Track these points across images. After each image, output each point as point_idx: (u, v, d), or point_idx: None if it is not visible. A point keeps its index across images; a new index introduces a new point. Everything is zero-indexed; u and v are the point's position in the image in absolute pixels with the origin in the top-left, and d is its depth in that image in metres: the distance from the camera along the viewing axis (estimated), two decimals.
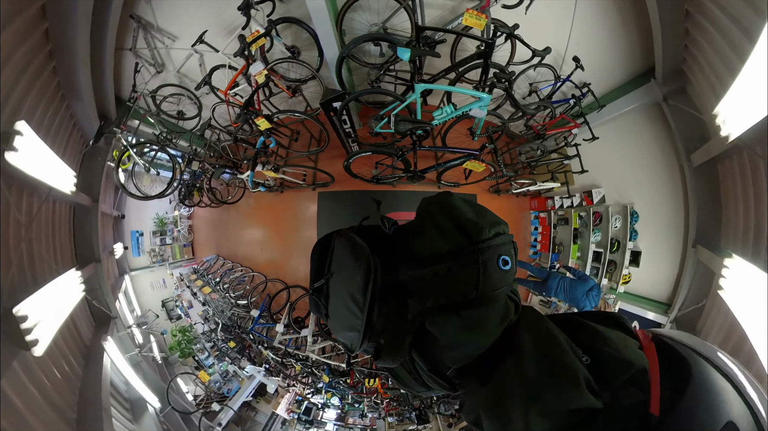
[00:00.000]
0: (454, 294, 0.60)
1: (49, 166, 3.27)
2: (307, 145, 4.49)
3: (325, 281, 0.78)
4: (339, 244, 0.78)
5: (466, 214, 0.65)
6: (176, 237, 7.70)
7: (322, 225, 4.83)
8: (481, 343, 0.62)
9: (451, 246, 0.61)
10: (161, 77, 4.20)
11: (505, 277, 0.61)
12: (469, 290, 0.58)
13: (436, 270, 0.60)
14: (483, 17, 2.31)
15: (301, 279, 4.98)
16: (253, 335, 4.72)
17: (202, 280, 5.85)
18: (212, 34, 3.38)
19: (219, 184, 5.77)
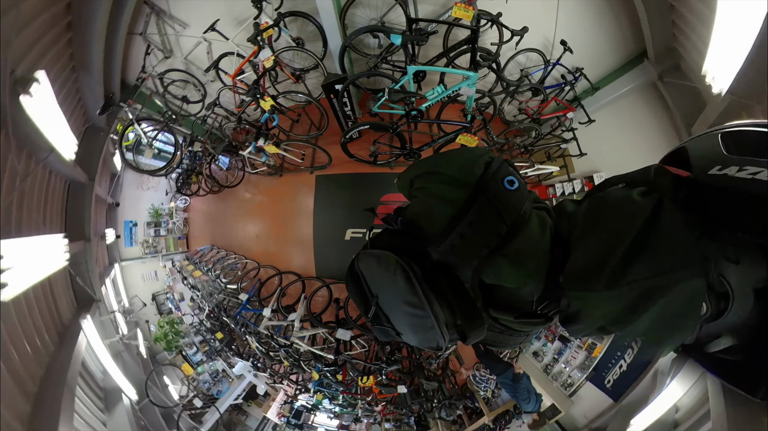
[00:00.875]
0: (489, 238, 0.59)
1: (55, 126, 3.22)
2: (307, 131, 4.57)
3: (375, 305, 0.74)
4: (364, 267, 0.75)
5: (449, 167, 0.65)
6: (171, 229, 7.51)
7: (319, 208, 4.75)
8: (540, 263, 0.61)
9: (458, 203, 0.61)
10: (168, 62, 4.33)
11: (520, 195, 0.60)
12: (499, 226, 0.58)
13: (461, 232, 0.60)
14: (470, 9, 2.54)
15: (295, 266, 4.82)
16: (238, 319, 4.44)
17: (194, 266, 5.63)
18: (222, 23, 3.57)
19: (218, 170, 5.69)
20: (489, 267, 0.61)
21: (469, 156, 0.67)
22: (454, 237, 0.60)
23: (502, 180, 0.60)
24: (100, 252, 5.50)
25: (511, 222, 0.59)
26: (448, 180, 0.64)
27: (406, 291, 0.64)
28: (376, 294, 0.74)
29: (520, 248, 0.59)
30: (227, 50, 3.90)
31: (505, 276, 0.61)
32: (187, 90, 4.79)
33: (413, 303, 0.64)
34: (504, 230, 0.58)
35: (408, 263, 0.64)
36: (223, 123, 4.99)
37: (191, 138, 4.60)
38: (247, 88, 3.63)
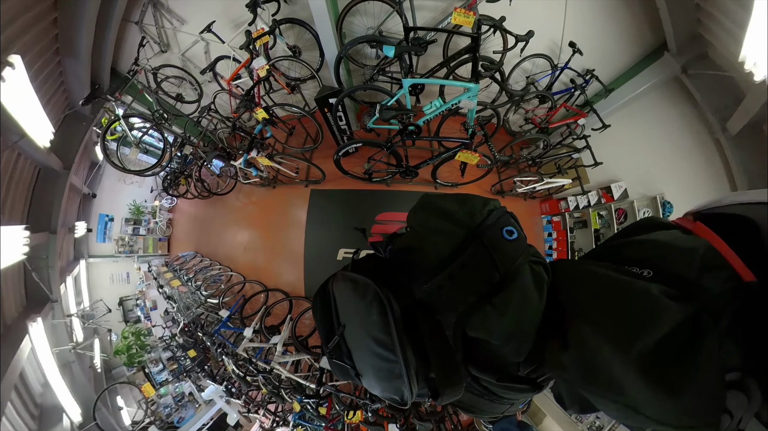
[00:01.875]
0: (480, 285, 0.53)
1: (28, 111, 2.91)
2: (302, 143, 4.35)
3: (340, 336, 0.66)
4: (338, 290, 0.67)
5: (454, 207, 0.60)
6: (152, 229, 6.89)
7: (312, 224, 4.38)
8: (531, 319, 0.54)
9: (453, 243, 0.56)
10: (164, 57, 4.05)
11: (517, 246, 0.56)
12: (491, 274, 0.53)
13: (451, 272, 0.54)
14: (471, 14, 2.33)
15: (283, 283, 4.37)
16: (215, 338, 3.95)
17: (172, 273, 5.07)
18: (219, 25, 3.36)
19: (209, 174, 5.24)
20: (475, 316, 0.54)
21: (476, 202, 0.61)
22: (442, 278, 0.55)
23: (501, 229, 0.56)
24: (66, 246, 4.91)
25: (504, 271, 0.53)
26: (450, 218, 0.59)
27: (379, 327, 0.57)
28: (343, 323, 0.66)
29: (510, 300, 0.53)
30: (224, 53, 3.65)
31: (491, 327, 0.54)
32: (183, 88, 4.46)
33: (383, 343, 0.57)
34: (496, 278, 0.53)
35: (387, 296, 0.57)
36: (218, 126, 4.67)
37: (182, 140, 4.25)
38: (242, 94, 3.39)
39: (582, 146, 3.55)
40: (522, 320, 0.53)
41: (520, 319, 0.53)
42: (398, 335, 0.55)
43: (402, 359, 0.55)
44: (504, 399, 0.64)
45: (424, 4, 2.97)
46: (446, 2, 2.98)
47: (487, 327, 0.54)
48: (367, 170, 3.59)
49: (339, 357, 0.67)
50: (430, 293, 0.56)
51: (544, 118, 3.84)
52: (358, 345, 0.63)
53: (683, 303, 0.42)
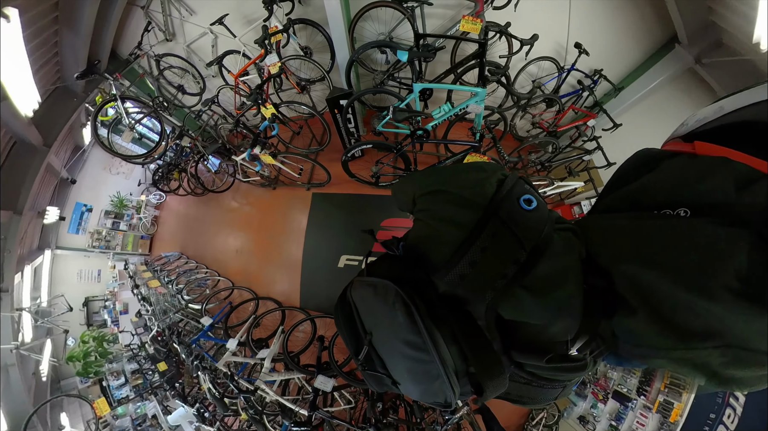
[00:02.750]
0: (505, 266, 0.46)
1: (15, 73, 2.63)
2: (307, 144, 4.12)
3: (368, 345, 0.59)
4: (359, 297, 0.61)
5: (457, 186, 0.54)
6: (135, 225, 6.25)
7: (312, 229, 3.99)
8: (572, 293, 0.45)
9: (468, 226, 0.49)
10: (168, 46, 3.82)
11: (539, 216, 0.48)
12: (517, 252, 0.46)
13: (471, 259, 0.48)
14: (478, 21, 2.36)
15: (276, 292, 3.89)
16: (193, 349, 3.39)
17: (152, 273, 4.47)
18: (231, 19, 3.24)
19: (205, 171, 4.80)
20: (507, 301, 0.46)
21: (479, 173, 0.53)
22: (463, 266, 0.48)
23: (517, 199, 0.49)
24: (31, 232, 4.27)
25: (531, 247, 0.46)
26: (456, 200, 0.52)
27: (407, 328, 0.50)
28: (370, 331, 0.59)
29: (544, 277, 0.45)
30: (233, 48, 3.49)
31: (528, 310, 0.46)
32: (185, 80, 4.24)
33: (415, 344, 0.50)
34: (523, 256, 0.45)
35: (410, 295, 0.51)
36: (219, 122, 4.39)
37: (181, 131, 3.96)
38: (249, 90, 3.22)
39: (593, 148, 3.38)
40: (561, 296, 0.46)
41: (559, 296, 0.46)
42: (428, 333, 0.49)
43: (437, 357, 0.49)
44: (555, 382, 0.56)
45: (434, 12, 2.95)
46: (454, 10, 2.96)
47: (523, 310, 0.48)
48: (375, 173, 3.38)
49: (372, 368, 0.61)
50: (453, 284, 0.50)
51: (552, 121, 3.69)
52: (389, 351, 0.58)
53: (740, 227, 0.37)
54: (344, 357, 3.06)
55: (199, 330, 3.53)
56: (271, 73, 2.96)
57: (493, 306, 0.48)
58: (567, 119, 3.65)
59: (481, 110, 2.57)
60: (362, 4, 2.83)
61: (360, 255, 3.55)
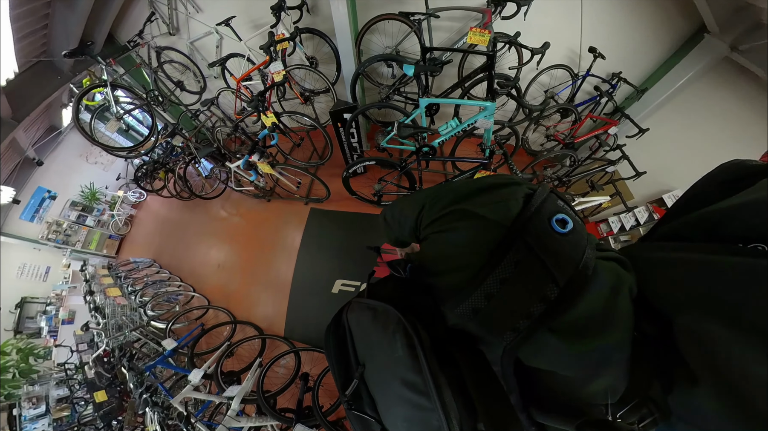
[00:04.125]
0: (531, 304, 0.35)
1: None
2: (308, 157, 3.82)
3: (359, 379, 0.49)
4: (355, 321, 0.51)
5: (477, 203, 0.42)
6: (104, 222, 5.41)
7: (307, 247, 3.50)
8: (618, 341, 0.34)
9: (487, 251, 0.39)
10: (171, 40, 3.57)
11: (576, 241, 0.37)
12: (546, 287, 0.35)
13: (488, 291, 0.37)
14: (486, 33, 2.19)
15: (258, 316, 3.29)
16: (145, 377, 2.72)
17: (114, 279, 3.72)
18: (238, 22, 3.07)
19: (195, 174, 4.27)
20: (531, 345, 0.36)
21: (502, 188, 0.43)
22: (477, 298, 0.37)
23: (549, 219, 0.38)
24: None
25: (565, 281, 0.34)
26: (473, 220, 0.41)
27: (407, 365, 0.41)
28: (363, 362, 0.49)
29: (582, 320, 0.34)
30: (238, 51, 3.27)
31: (558, 360, 0.36)
32: (186, 77, 3.93)
33: (414, 385, 0.40)
34: (554, 293, 0.34)
35: (413, 325, 0.42)
36: (216, 124, 4.01)
37: (174, 129, 3.53)
38: (251, 95, 3.08)
39: (618, 158, 2.94)
40: (604, 346, 0.34)
41: (602, 345, 0.34)
42: (432, 374, 0.39)
43: (440, 406, 0.38)
44: None
45: (440, 25, 2.80)
46: (462, 22, 2.79)
47: (551, 359, 0.37)
48: (377, 191, 3.08)
49: (360, 408, 0.48)
50: (464, 318, 0.39)
51: (568, 132, 3.30)
52: (383, 390, 0.46)
53: None
54: (331, 402, 2.53)
55: (159, 355, 2.86)
56: (275, 80, 2.79)
57: (512, 350, 0.37)
58: (585, 129, 3.29)
59: (490, 125, 2.36)
60: (370, 16, 2.69)
61: (358, 280, 3.09)
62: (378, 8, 2.68)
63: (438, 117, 3.23)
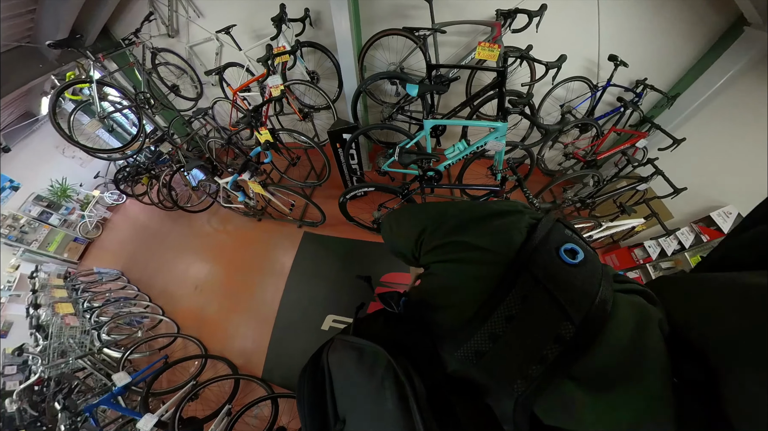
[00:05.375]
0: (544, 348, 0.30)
1: None
2: (305, 176, 3.54)
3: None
4: (336, 364, 0.42)
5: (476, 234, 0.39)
6: (72, 222, 4.74)
7: (297, 275, 3.08)
8: (655, 391, 0.28)
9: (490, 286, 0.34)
10: (169, 42, 3.33)
11: (589, 270, 0.33)
12: (560, 325, 0.30)
13: (493, 331, 0.32)
14: (495, 47, 1.98)
15: (234, 351, 2.78)
16: (81, 418, 2.19)
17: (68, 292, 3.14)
18: (239, 31, 2.91)
19: (183, 183, 3.85)
20: (547, 398, 0.29)
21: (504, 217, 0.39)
22: (480, 339, 0.32)
23: (556, 249, 0.34)
24: None
25: (581, 318, 0.29)
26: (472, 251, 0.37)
27: (396, 420, 0.32)
28: (343, 417, 0.39)
29: (606, 365, 0.28)
30: (237, 60, 3.07)
31: (581, 415, 0.28)
32: (182, 81, 3.66)
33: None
34: (570, 332, 0.29)
35: (406, 371, 0.34)
36: (210, 133, 3.70)
37: (163, 134, 3.25)
38: (247, 108, 2.87)
39: (650, 174, 2.47)
40: (639, 397, 0.27)
41: (636, 396, 0.27)
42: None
43: None
44: None
45: (448, 40, 2.59)
46: (470, 37, 2.59)
47: (574, 415, 0.29)
48: (377, 219, 2.82)
49: None
50: (467, 363, 0.33)
51: (590, 149, 2.91)
52: None
53: None
54: None
55: (105, 391, 2.34)
56: (272, 95, 2.59)
57: (525, 402, 0.30)
58: (608, 144, 2.89)
59: (501, 147, 2.10)
60: (374, 31, 2.51)
61: (351, 316, 2.70)
62: (383, 23, 2.52)
63: (445, 137, 2.98)
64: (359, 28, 2.55)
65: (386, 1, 2.48)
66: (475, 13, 2.37)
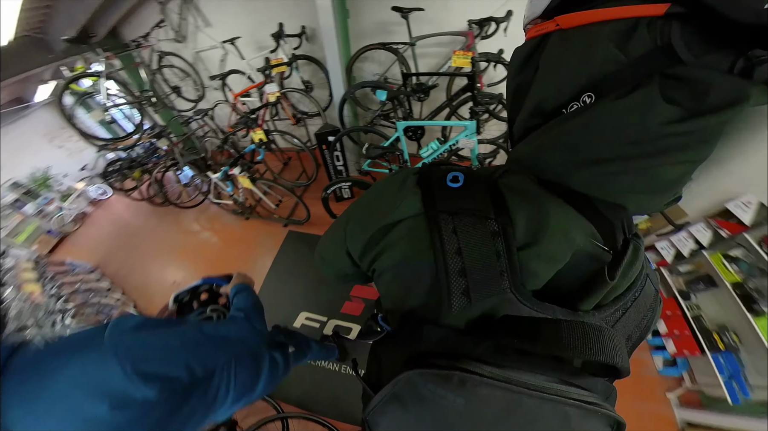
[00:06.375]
0: (494, 246, 0.35)
1: None
2: (296, 178, 3.71)
3: None
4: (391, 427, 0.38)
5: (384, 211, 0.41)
6: (48, 213, 4.50)
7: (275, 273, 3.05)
8: (568, 218, 0.36)
9: (426, 244, 0.37)
10: (176, 46, 3.47)
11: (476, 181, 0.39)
12: (488, 225, 0.36)
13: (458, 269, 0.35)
14: (469, 54, 2.15)
15: None
16: None
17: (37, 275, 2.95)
18: (243, 42, 3.12)
19: (174, 181, 3.81)
20: (522, 275, 0.35)
21: (392, 185, 0.42)
22: (456, 284, 0.34)
23: (444, 181, 0.39)
24: None
25: (492, 210, 0.35)
26: (393, 226, 0.39)
27: None
28: None
29: (524, 230, 0.35)
30: (240, 68, 3.28)
31: (537, 270, 0.35)
32: (185, 83, 3.77)
33: None
34: (493, 225, 0.35)
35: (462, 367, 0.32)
36: (207, 134, 3.79)
37: (161, 131, 3.32)
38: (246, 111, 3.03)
39: None
40: (560, 227, 0.35)
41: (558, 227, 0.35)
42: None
43: None
44: None
45: (428, 52, 2.79)
46: (448, 48, 2.77)
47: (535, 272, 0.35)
48: None
49: None
50: (463, 306, 0.34)
51: None
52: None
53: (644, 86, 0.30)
54: None
55: None
56: (269, 100, 2.82)
57: (517, 287, 0.34)
58: None
59: (473, 144, 2.19)
60: (362, 44, 2.76)
61: (325, 314, 2.66)
62: (370, 38, 2.75)
63: (426, 141, 3.12)
64: (348, 43, 2.78)
65: (373, 19, 2.67)
66: (452, 25, 2.53)
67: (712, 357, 1.87)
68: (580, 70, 0.32)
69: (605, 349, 0.32)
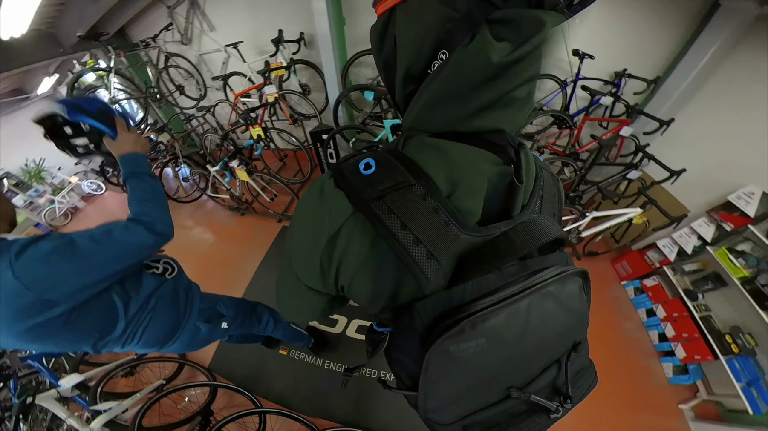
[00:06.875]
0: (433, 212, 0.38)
1: None
2: (292, 176, 3.78)
3: None
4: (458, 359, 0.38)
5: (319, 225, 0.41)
6: (39, 206, 4.42)
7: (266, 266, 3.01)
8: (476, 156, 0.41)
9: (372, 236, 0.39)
10: (182, 48, 3.68)
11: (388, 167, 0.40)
12: (415, 189, 0.38)
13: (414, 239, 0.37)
14: None
15: None
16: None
17: None
18: (245, 46, 3.31)
19: (172, 176, 3.84)
20: (463, 215, 0.39)
21: (319, 196, 0.41)
22: (419, 255, 0.36)
23: (358, 172, 0.39)
24: None
25: (410, 177, 0.38)
26: (336, 235, 0.39)
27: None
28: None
29: (452, 173, 0.39)
30: (241, 70, 3.43)
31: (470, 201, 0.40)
32: (188, 83, 3.93)
33: None
34: (419, 189, 0.37)
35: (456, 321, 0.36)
36: (207, 131, 3.84)
37: (163, 126, 3.36)
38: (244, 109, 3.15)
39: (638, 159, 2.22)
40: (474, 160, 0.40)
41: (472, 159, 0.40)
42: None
43: None
44: None
45: None
46: None
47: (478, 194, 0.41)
48: None
49: None
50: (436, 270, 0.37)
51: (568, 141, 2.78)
52: None
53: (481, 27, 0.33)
54: None
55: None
56: (267, 101, 2.97)
57: (464, 226, 0.38)
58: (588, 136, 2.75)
59: None
60: (358, 50, 2.92)
61: None
62: (365, 44, 2.89)
63: None
64: (344, 49, 2.92)
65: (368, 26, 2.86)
66: None
67: (726, 362, 1.69)
68: (426, 33, 0.35)
69: (545, 231, 0.39)
